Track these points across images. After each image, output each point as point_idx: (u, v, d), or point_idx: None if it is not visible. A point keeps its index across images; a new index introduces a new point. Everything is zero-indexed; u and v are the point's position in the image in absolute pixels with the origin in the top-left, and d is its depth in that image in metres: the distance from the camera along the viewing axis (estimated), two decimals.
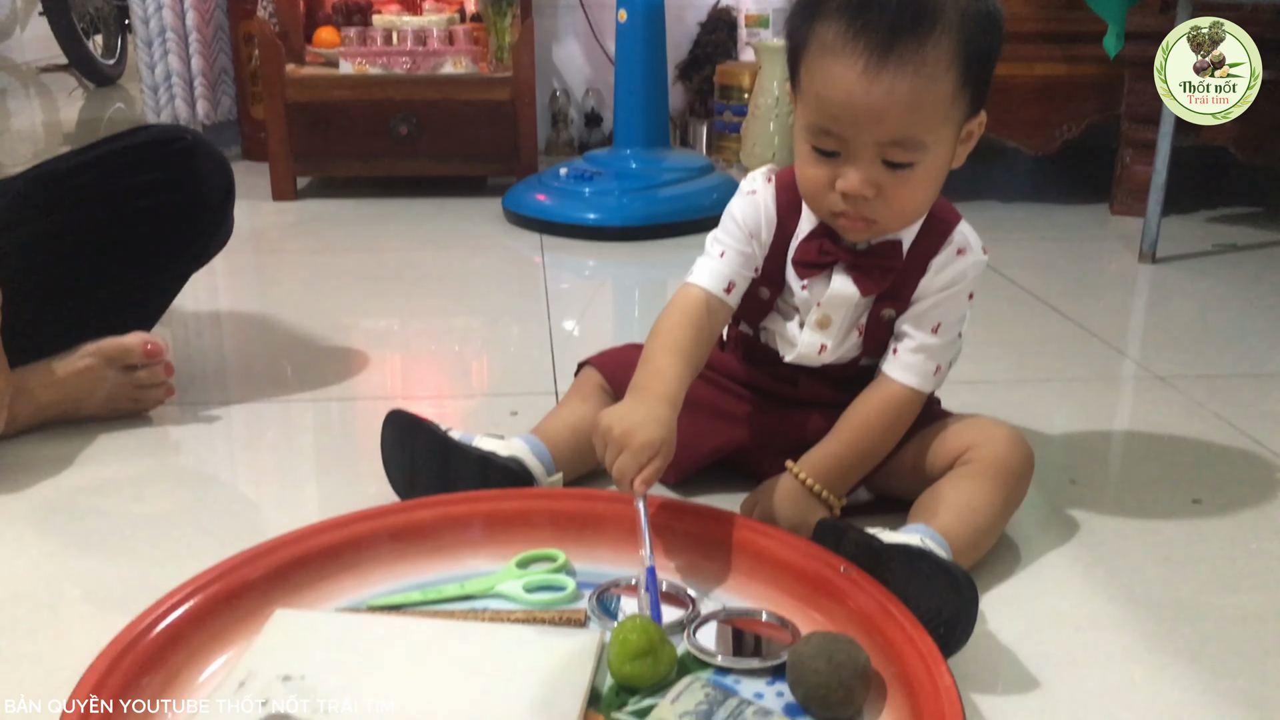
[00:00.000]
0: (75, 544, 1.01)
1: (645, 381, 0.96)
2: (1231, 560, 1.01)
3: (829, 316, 1.02)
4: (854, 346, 1.04)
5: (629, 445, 0.89)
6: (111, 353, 1.21)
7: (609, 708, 0.78)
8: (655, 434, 0.90)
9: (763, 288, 1.04)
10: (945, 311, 1.01)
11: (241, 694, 0.75)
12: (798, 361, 1.05)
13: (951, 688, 0.73)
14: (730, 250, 1.02)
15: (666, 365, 0.97)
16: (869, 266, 0.99)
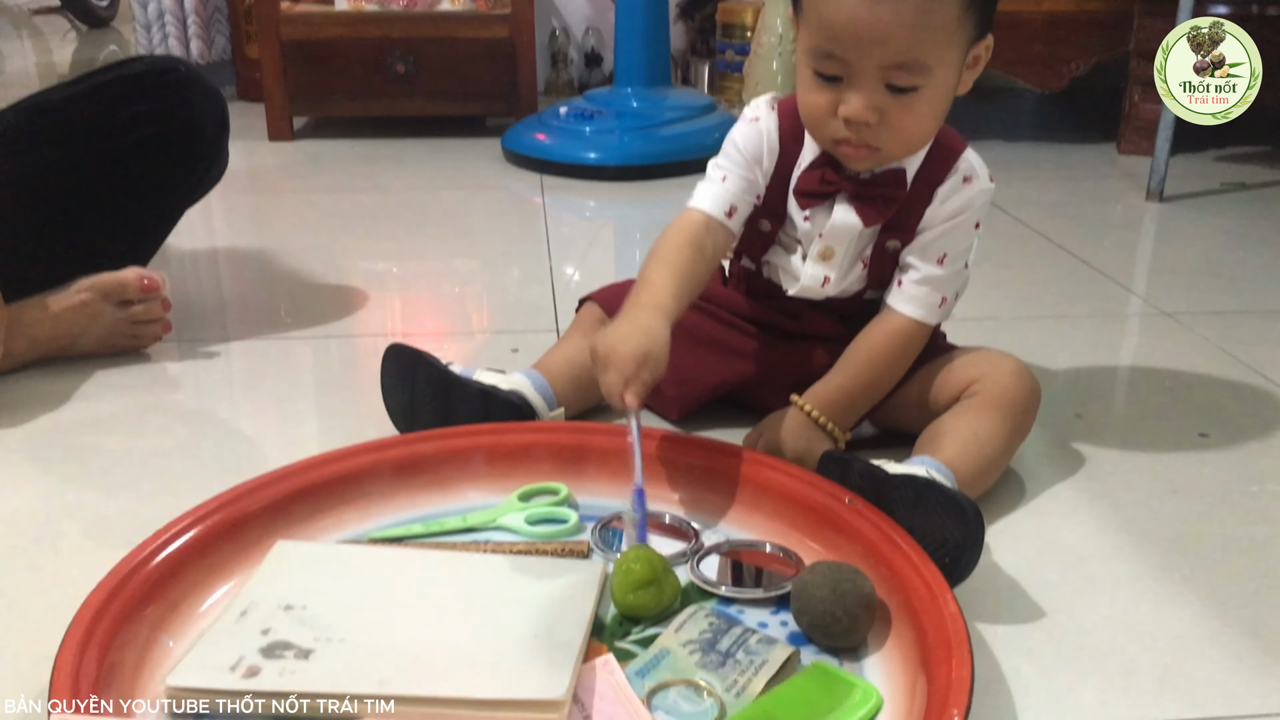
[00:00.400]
0: (74, 479, 1.00)
1: (636, 296, 0.94)
2: (1238, 492, 1.00)
3: (831, 248, 1.00)
4: (858, 279, 1.03)
5: (614, 360, 0.87)
6: (108, 287, 1.20)
7: (612, 637, 0.78)
8: (640, 344, 0.87)
9: (764, 220, 1.03)
10: (951, 242, 1.00)
11: (243, 623, 0.75)
12: (801, 295, 1.04)
13: (957, 615, 0.72)
14: (732, 175, 1.00)
15: (656, 277, 0.95)
16: (872, 196, 0.97)
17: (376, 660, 0.71)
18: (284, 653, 0.72)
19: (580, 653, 0.72)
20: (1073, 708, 0.73)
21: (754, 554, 0.87)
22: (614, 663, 0.73)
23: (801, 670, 0.74)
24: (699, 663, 0.74)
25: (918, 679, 0.71)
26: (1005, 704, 0.73)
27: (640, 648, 0.76)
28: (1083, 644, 0.79)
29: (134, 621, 0.73)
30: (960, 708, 0.64)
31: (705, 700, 0.71)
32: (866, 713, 0.69)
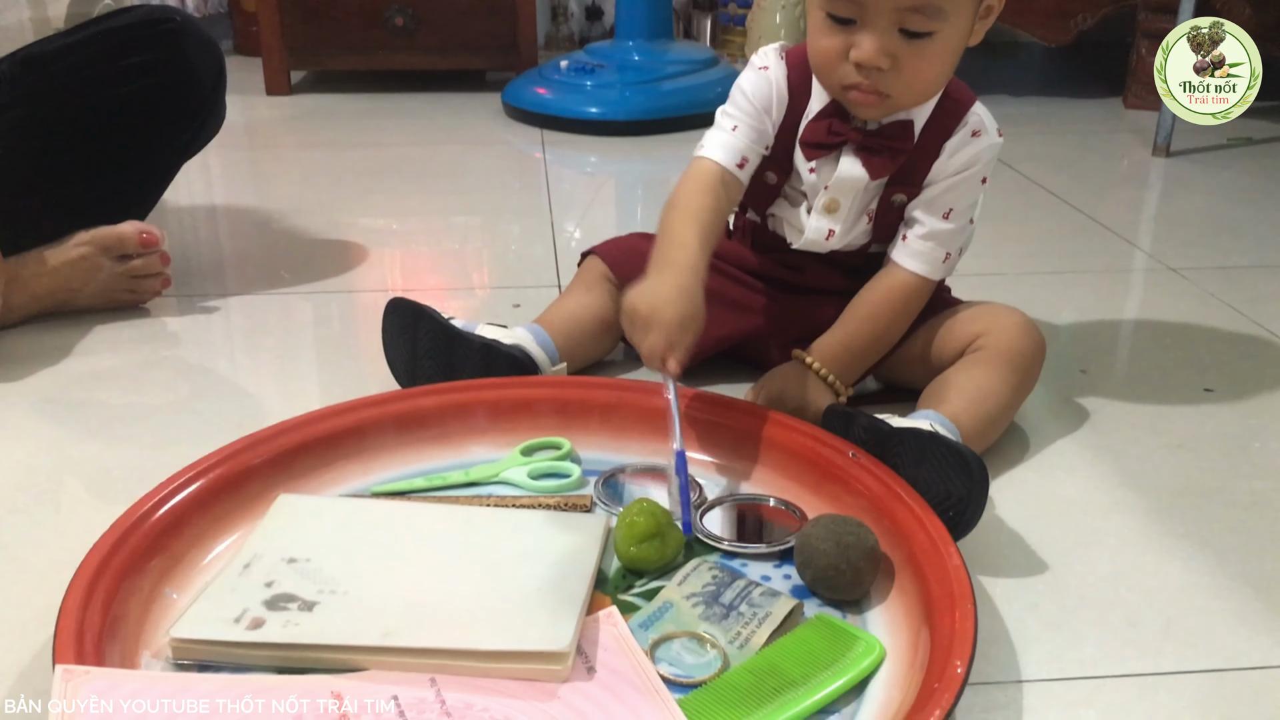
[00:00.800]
0: (75, 434, 1.00)
1: (667, 253, 0.92)
2: (1243, 447, 1.00)
3: (837, 200, 0.99)
4: (864, 233, 1.02)
5: (657, 322, 0.85)
6: (106, 241, 1.19)
7: (615, 590, 0.78)
8: (683, 308, 0.86)
9: (769, 172, 1.01)
10: (958, 196, 0.99)
11: (246, 576, 0.75)
12: (805, 248, 1.03)
13: (961, 568, 0.72)
14: (742, 125, 0.98)
15: (687, 234, 0.92)
16: (879, 147, 0.96)
17: (380, 612, 0.71)
18: (288, 605, 0.72)
19: (584, 605, 0.72)
20: (1075, 660, 0.73)
21: (757, 508, 0.87)
22: (617, 615, 0.73)
23: (805, 623, 0.74)
24: (702, 615, 0.74)
25: (921, 631, 0.71)
26: (1008, 656, 0.73)
27: (643, 600, 0.76)
28: (1085, 597, 0.79)
29: (137, 574, 0.73)
30: (964, 659, 0.64)
31: (709, 652, 0.71)
32: (870, 664, 0.69)
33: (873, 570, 0.76)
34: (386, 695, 0.65)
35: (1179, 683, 0.71)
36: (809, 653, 0.70)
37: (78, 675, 0.61)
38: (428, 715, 0.63)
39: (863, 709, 0.67)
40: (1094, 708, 0.69)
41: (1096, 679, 0.71)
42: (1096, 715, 0.68)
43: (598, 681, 0.67)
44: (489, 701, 0.65)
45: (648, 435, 0.94)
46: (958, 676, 0.63)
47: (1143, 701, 0.69)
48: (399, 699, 0.65)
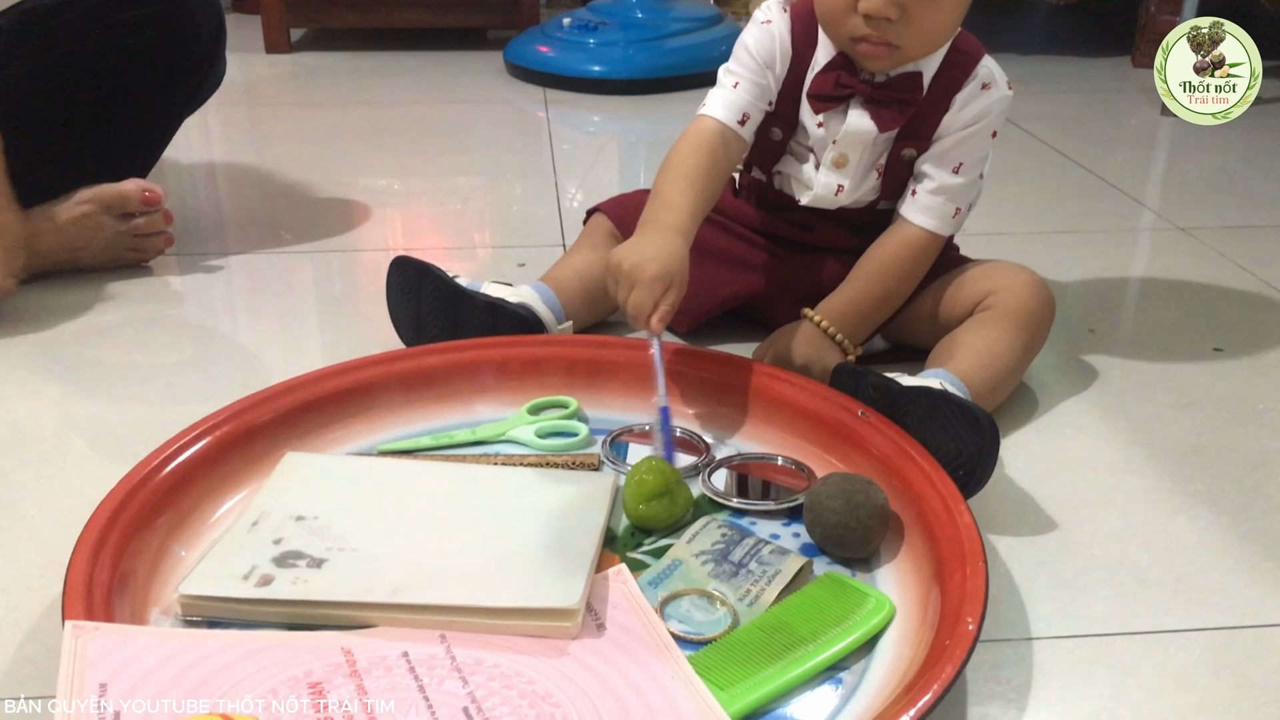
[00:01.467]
0: (79, 392, 1.00)
1: (655, 213, 0.91)
2: (1253, 406, 0.99)
3: (845, 155, 0.98)
4: (872, 188, 1.01)
5: (640, 280, 0.85)
6: (109, 199, 1.18)
7: (624, 548, 0.78)
8: (667, 266, 0.85)
9: (775, 128, 1.00)
10: (968, 150, 0.97)
11: (255, 533, 0.74)
12: (814, 204, 1.02)
13: (971, 526, 0.72)
14: (744, 81, 0.97)
15: (676, 195, 0.92)
16: (887, 100, 0.95)
17: (389, 570, 0.71)
18: (296, 562, 0.72)
19: (593, 562, 0.72)
20: (1085, 618, 0.73)
21: (766, 467, 0.87)
22: (627, 572, 0.73)
23: (814, 580, 0.74)
24: (712, 573, 0.74)
25: (931, 589, 0.71)
26: (1018, 614, 0.73)
27: (653, 558, 0.76)
28: (1095, 555, 0.79)
29: (146, 531, 0.72)
30: (975, 616, 0.64)
31: (718, 609, 0.71)
32: (879, 622, 0.69)
33: (882, 528, 0.76)
34: (397, 651, 0.65)
35: (1189, 640, 0.71)
36: (819, 610, 0.70)
37: (87, 630, 0.61)
38: (438, 671, 0.63)
39: (873, 666, 0.67)
40: (1104, 664, 0.69)
41: (1107, 636, 0.71)
42: (1106, 672, 0.68)
43: (608, 638, 0.67)
44: (499, 658, 0.65)
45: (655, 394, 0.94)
46: (969, 633, 0.63)
47: (1153, 658, 0.69)
48: (409, 655, 0.65)
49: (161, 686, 0.59)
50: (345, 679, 0.62)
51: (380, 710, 0.60)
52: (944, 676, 0.60)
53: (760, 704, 0.63)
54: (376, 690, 0.61)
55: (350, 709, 0.60)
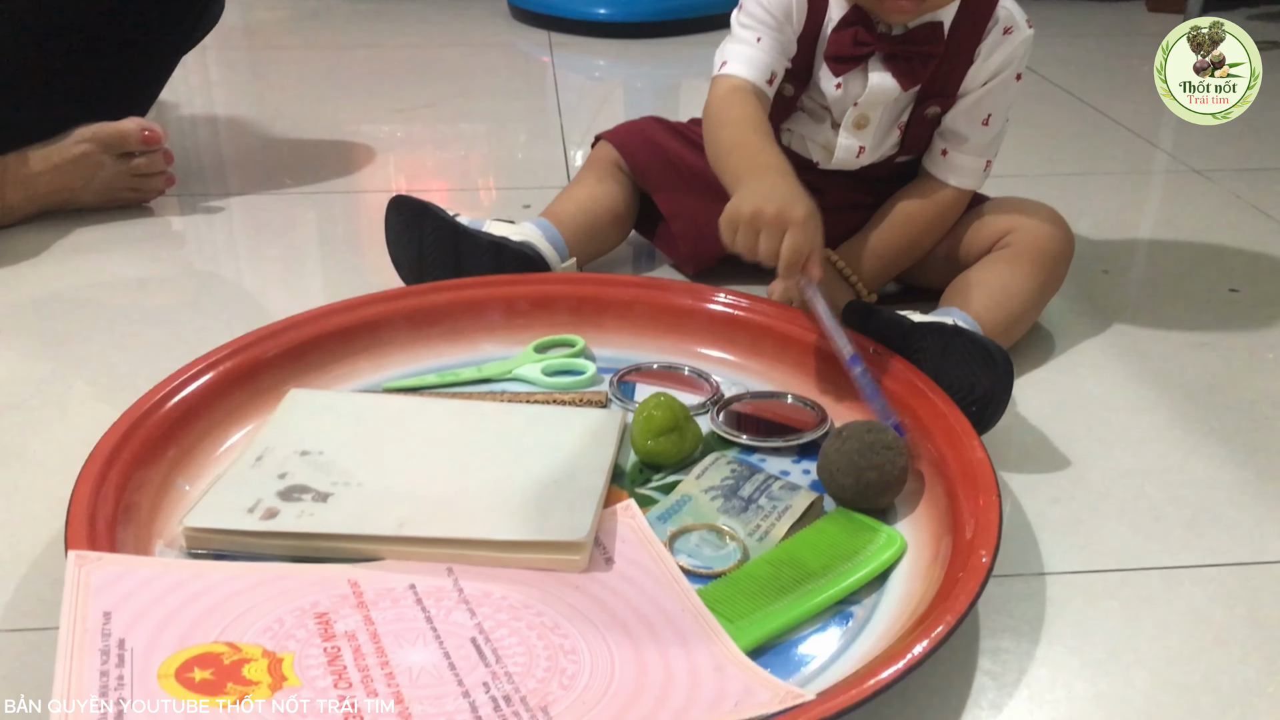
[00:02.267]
0: (79, 332, 0.98)
1: (754, 160, 0.84)
2: (1269, 345, 0.98)
3: (866, 116, 0.94)
4: (893, 146, 0.98)
5: (793, 221, 0.76)
6: (107, 138, 1.16)
7: (632, 484, 0.77)
8: (810, 206, 0.78)
9: (786, 84, 0.96)
10: (995, 100, 0.95)
11: (259, 467, 0.74)
12: (836, 168, 0.99)
13: (985, 461, 0.71)
14: (766, 37, 0.92)
15: (762, 141, 0.86)
16: (908, 55, 0.91)
17: (395, 504, 0.70)
18: (302, 496, 0.71)
19: (601, 496, 0.71)
20: (1098, 553, 0.72)
21: (775, 405, 0.85)
22: (635, 507, 0.72)
23: (825, 516, 0.73)
24: (721, 508, 0.73)
25: (943, 524, 0.70)
26: (1030, 549, 0.72)
27: (661, 494, 0.75)
28: (1109, 492, 0.78)
29: (149, 464, 0.71)
30: (988, 549, 0.63)
31: (728, 544, 0.70)
32: (891, 556, 0.68)
33: (894, 493, 0.73)
34: (404, 583, 0.64)
35: (1204, 575, 0.70)
36: (829, 545, 0.69)
37: (90, 560, 0.60)
38: (446, 603, 0.63)
39: (884, 601, 0.66)
40: (1117, 599, 0.68)
41: (1120, 571, 0.70)
42: (1120, 607, 0.67)
43: (616, 572, 0.67)
44: (507, 590, 0.64)
45: (663, 333, 0.93)
46: (982, 566, 0.62)
47: (1166, 593, 0.69)
48: (416, 587, 0.64)
49: (166, 615, 0.58)
50: (352, 610, 0.62)
51: (387, 640, 0.59)
52: (957, 608, 0.59)
53: (770, 637, 0.62)
54: (383, 621, 0.61)
55: (358, 639, 0.59)
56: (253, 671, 0.56)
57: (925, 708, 0.60)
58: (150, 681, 0.53)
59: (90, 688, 0.52)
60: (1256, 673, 0.62)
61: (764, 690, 0.56)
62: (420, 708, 0.54)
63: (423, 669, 0.57)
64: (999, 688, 0.61)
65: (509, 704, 0.55)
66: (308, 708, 0.54)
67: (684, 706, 0.55)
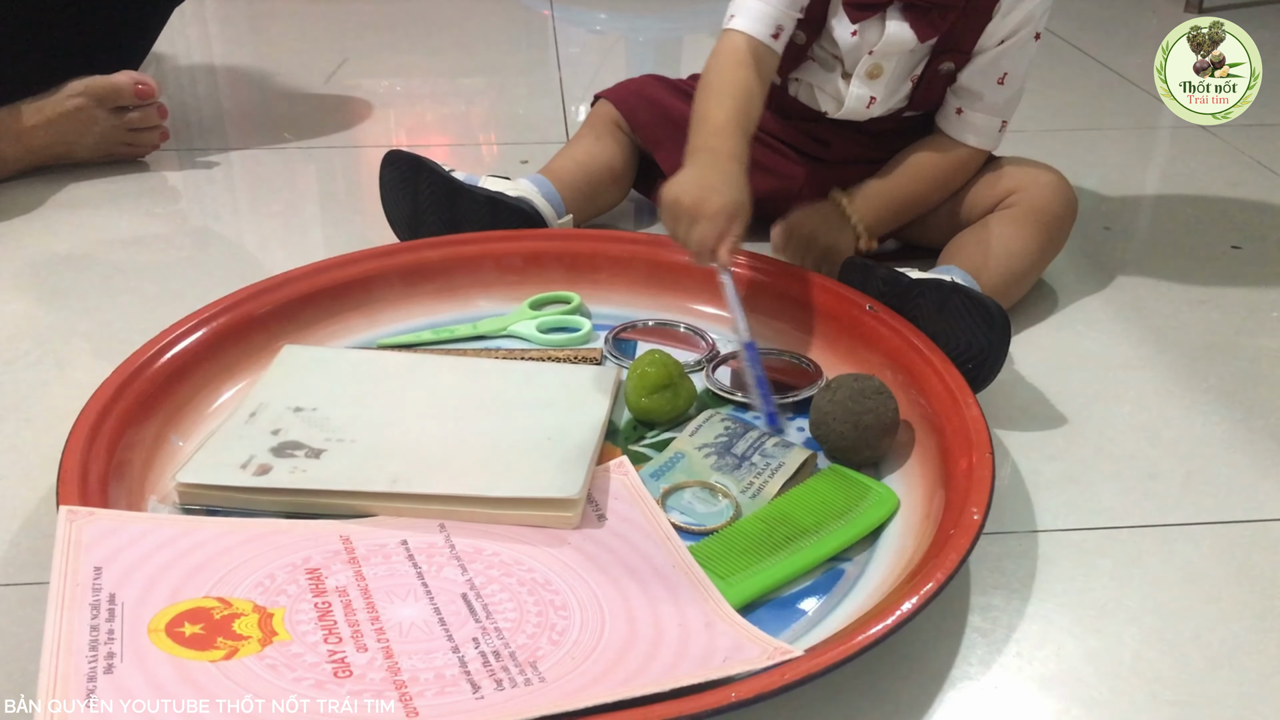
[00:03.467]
0: (74, 287, 0.98)
1: (705, 139, 0.84)
2: (1271, 303, 0.97)
3: (881, 66, 0.93)
4: (903, 99, 0.97)
5: (704, 212, 0.78)
6: (101, 92, 1.15)
7: (626, 441, 0.77)
8: (731, 197, 0.79)
9: (798, 31, 0.94)
10: (1013, 59, 0.94)
11: (253, 424, 0.74)
12: (844, 117, 0.97)
13: (979, 418, 0.71)
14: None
15: (724, 118, 0.85)
16: (927, 6, 0.89)
17: (388, 460, 0.70)
18: (295, 452, 0.71)
19: (594, 453, 0.71)
20: (1092, 510, 0.72)
21: (771, 361, 0.85)
22: (628, 464, 0.72)
23: (818, 473, 0.73)
24: (714, 465, 0.73)
25: (936, 481, 0.70)
26: (1024, 507, 0.72)
27: (655, 451, 0.75)
28: (1105, 449, 0.78)
29: (142, 420, 0.71)
30: (980, 506, 0.63)
31: (720, 501, 0.70)
32: (883, 514, 0.68)
33: (891, 438, 0.73)
34: (396, 540, 0.64)
35: (1197, 533, 0.70)
36: (822, 502, 0.69)
37: (82, 515, 0.60)
38: (437, 559, 0.63)
39: (875, 557, 0.66)
40: (1110, 556, 0.68)
41: (1113, 529, 0.70)
42: (1112, 564, 0.67)
43: (608, 529, 0.67)
44: (499, 546, 0.64)
45: (659, 290, 0.92)
46: (974, 523, 0.62)
47: (1160, 551, 0.69)
48: (408, 543, 0.64)
49: (158, 570, 0.59)
50: (343, 565, 0.62)
51: (378, 596, 0.59)
52: (947, 564, 0.59)
53: (760, 593, 0.63)
54: (375, 576, 0.61)
55: (349, 594, 0.59)
56: (243, 626, 0.56)
57: (915, 663, 0.60)
58: (140, 636, 0.54)
59: (80, 642, 0.52)
60: (1246, 629, 0.63)
61: (753, 646, 0.56)
62: (409, 662, 0.55)
63: (413, 624, 0.58)
64: (989, 644, 0.61)
65: (498, 659, 0.55)
66: (297, 662, 0.54)
67: (673, 662, 0.56)
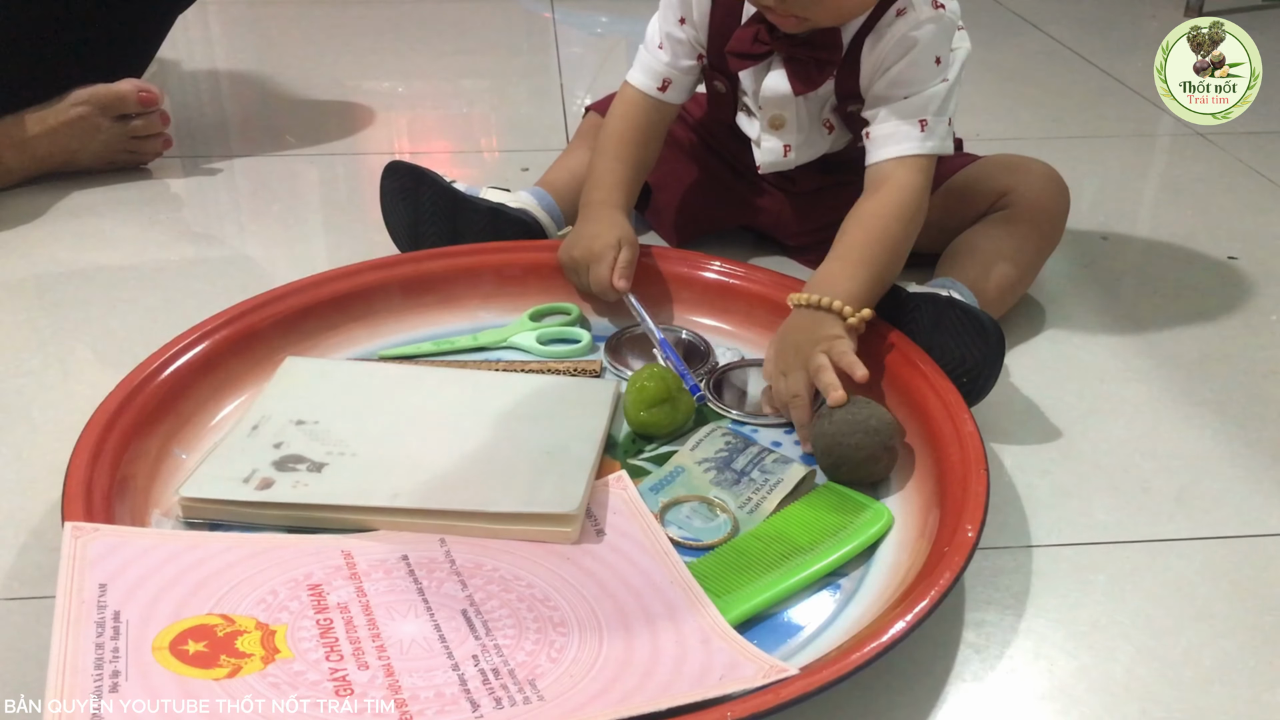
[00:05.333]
0: (78, 296, 0.99)
1: (589, 194, 0.94)
2: (1265, 315, 0.98)
3: (780, 116, 0.92)
4: (830, 141, 0.94)
5: (592, 256, 0.89)
6: (104, 100, 1.15)
7: (625, 455, 0.77)
8: (613, 236, 0.89)
9: (716, 81, 0.96)
10: (910, 81, 0.85)
11: (255, 437, 0.74)
12: (768, 169, 0.96)
13: (974, 434, 0.71)
14: (667, 39, 0.94)
15: (608, 174, 0.95)
16: (804, 59, 0.87)
17: (389, 474, 0.71)
18: (297, 466, 0.72)
19: (593, 468, 0.72)
20: (1086, 526, 0.73)
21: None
22: (627, 478, 0.73)
23: (814, 490, 0.73)
24: (714, 480, 0.73)
25: (932, 497, 0.70)
26: (1019, 522, 0.73)
27: (654, 465, 0.76)
28: (1099, 464, 0.79)
29: (145, 434, 0.72)
30: (975, 524, 0.64)
31: (718, 516, 0.71)
32: (878, 531, 0.69)
33: (892, 459, 0.73)
34: (397, 555, 0.65)
35: (1190, 548, 0.71)
36: (817, 520, 0.70)
37: (87, 532, 0.61)
38: (438, 574, 0.64)
39: (870, 574, 0.67)
40: (1104, 572, 0.69)
41: (1107, 544, 0.71)
42: (1106, 580, 0.68)
43: (607, 544, 0.67)
44: (498, 561, 0.65)
45: (658, 300, 0.93)
46: (968, 540, 0.63)
47: (1153, 567, 0.69)
48: (409, 558, 0.65)
49: (161, 587, 0.59)
50: (345, 581, 0.63)
51: (380, 612, 0.60)
52: (941, 583, 0.60)
53: (757, 610, 0.63)
54: (376, 592, 0.62)
55: (350, 610, 0.60)
56: (246, 644, 0.57)
57: (909, 680, 0.61)
58: (145, 654, 0.54)
59: (86, 661, 0.53)
60: (1237, 647, 0.63)
61: (749, 664, 0.57)
62: (410, 680, 0.55)
63: (414, 641, 0.58)
64: (982, 660, 0.62)
65: (497, 676, 0.56)
66: (299, 679, 0.55)
67: (670, 680, 0.56)
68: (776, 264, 1.01)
